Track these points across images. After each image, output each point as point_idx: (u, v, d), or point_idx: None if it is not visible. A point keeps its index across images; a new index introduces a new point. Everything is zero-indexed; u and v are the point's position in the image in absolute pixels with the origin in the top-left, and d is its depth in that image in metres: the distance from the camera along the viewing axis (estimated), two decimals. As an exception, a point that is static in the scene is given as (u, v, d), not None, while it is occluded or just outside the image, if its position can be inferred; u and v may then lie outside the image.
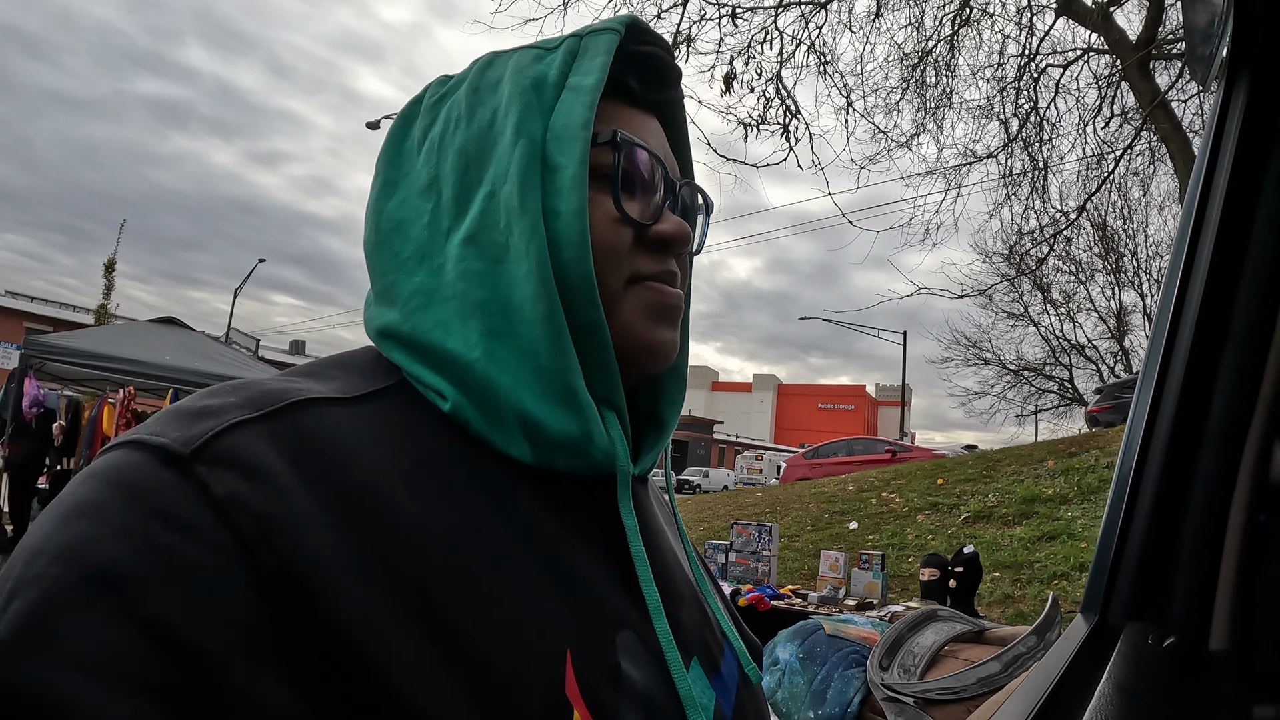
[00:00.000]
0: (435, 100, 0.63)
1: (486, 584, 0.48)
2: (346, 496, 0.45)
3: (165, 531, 0.40)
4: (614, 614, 0.54)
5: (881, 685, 3.11)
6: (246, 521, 0.41)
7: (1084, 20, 10.68)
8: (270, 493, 0.43)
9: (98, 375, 9.24)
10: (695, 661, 0.60)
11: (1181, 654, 0.92)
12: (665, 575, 0.62)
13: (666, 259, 0.61)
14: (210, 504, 0.41)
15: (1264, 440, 0.97)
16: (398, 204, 0.61)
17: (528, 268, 0.54)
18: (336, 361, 0.58)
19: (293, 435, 0.46)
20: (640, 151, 0.61)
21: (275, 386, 0.50)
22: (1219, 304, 0.97)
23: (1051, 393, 24.43)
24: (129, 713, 0.36)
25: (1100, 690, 0.72)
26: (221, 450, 0.43)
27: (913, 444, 23.18)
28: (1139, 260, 20.73)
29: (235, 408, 0.46)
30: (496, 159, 0.57)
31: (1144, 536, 1.00)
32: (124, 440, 0.45)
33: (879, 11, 10.63)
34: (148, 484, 0.41)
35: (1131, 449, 1.04)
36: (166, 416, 0.46)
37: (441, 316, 0.56)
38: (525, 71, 0.59)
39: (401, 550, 0.46)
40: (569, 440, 0.54)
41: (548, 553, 0.53)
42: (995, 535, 8.41)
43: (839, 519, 10.57)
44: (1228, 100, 0.95)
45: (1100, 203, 14.51)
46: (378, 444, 0.50)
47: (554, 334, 0.53)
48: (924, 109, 11.62)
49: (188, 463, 0.42)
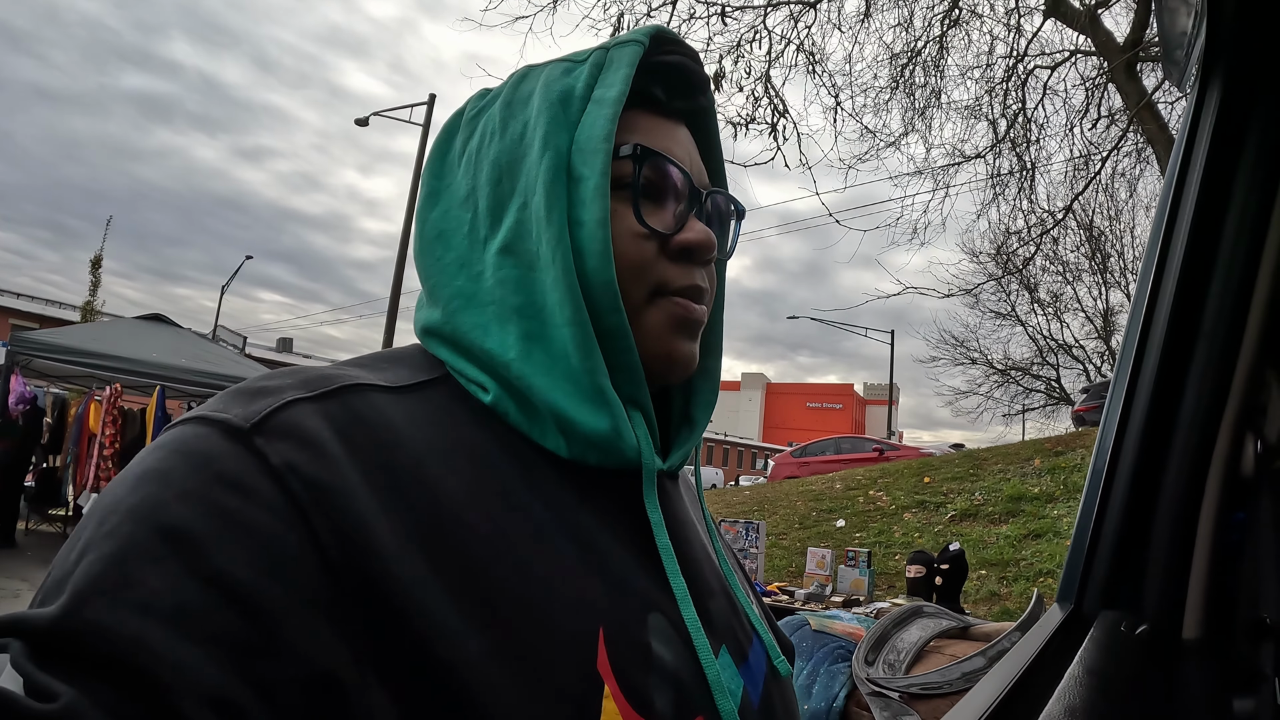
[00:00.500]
0: (474, 114, 0.66)
1: (525, 557, 0.51)
2: (394, 471, 0.49)
3: (228, 495, 0.43)
4: (645, 597, 0.56)
5: (867, 680, 3.13)
6: (301, 487, 0.45)
7: (1072, 22, 10.72)
8: (323, 463, 0.46)
9: (84, 372, 9.19)
10: (724, 649, 0.62)
11: (1154, 641, 0.95)
12: (693, 567, 0.64)
13: (692, 270, 0.63)
14: (269, 471, 0.45)
15: (1235, 434, 1.00)
16: (441, 214, 0.64)
17: (554, 274, 0.57)
18: (386, 356, 0.61)
19: (344, 414, 0.50)
20: (661, 162, 0.62)
21: (330, 372, 0.54)
22: (1191, 301, 0.99)
23: (1038, 392, 24.51)
24: (197, 657, 0.38)
25: (1070, 673, 0.74)
26: (278, 424, 0.47)
27: (900, 443, 23.26)
28: (1125, 261, 20.81)
29: (291, 388, 0.50)
30: (526, 171, 0.60)
31: (1118, 527, 1.02)
32: (189, 417, 0.49)
33: (868, 11, 10.66)
34: (212, 453, 0.45)
35: (1106, 442, 1.06)
36: (228, 396, 0.50)
37: (480, 320, 0.59)
38: (553, 85, 0.61)
39: (445, 522, 0.49)
40: (600, 437, 0.57)
41: (583, 535, 0.56)
42: (981, 533, 8.46)
43: (826, 517, 10.61)
44: (1201, 101, 0.97)
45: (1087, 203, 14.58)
46: (423, 427, 0.53)
47: (581, 337, 0.56)
48: (912, 109, 11.65)
49: (248, 435, 0.46)
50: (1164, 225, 1.02)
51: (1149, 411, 1.02)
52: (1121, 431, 1.04)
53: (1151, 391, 1.01)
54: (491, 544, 0.50)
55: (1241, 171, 0.95)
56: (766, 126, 10.24)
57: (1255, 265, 0.95)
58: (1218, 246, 0.97)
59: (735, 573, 0.72)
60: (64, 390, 11.07)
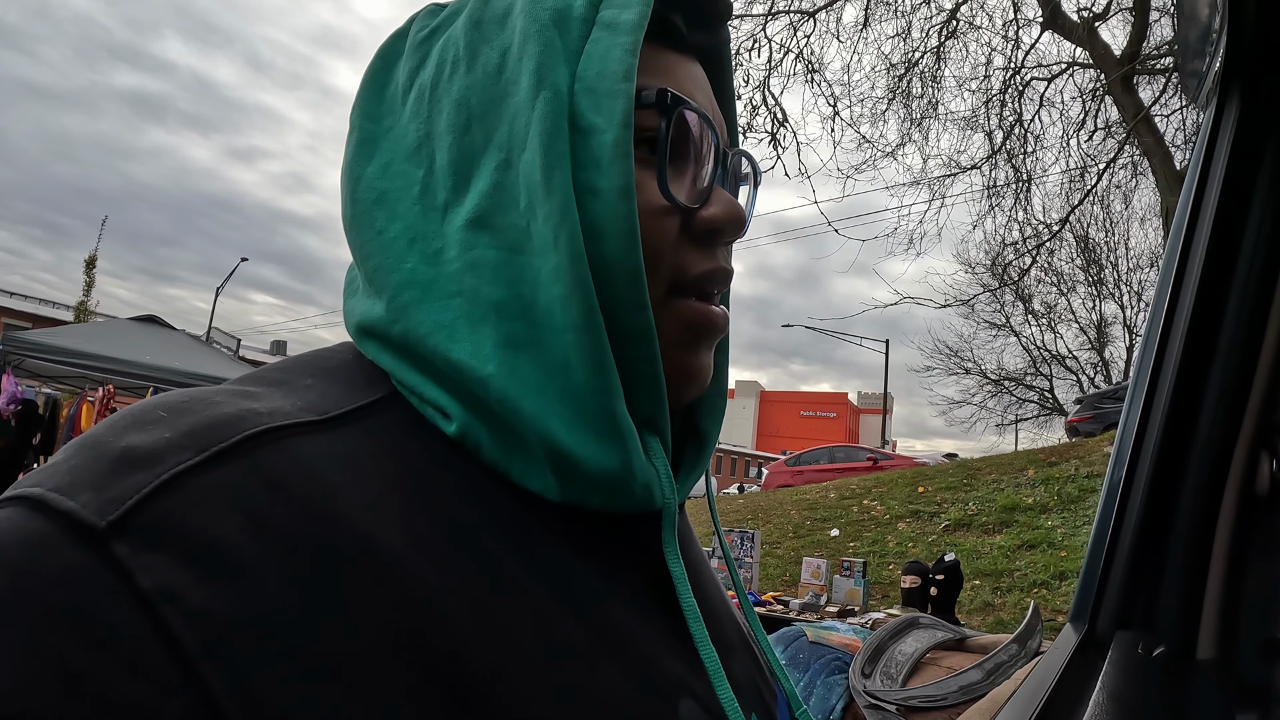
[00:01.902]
0: (425, 35, 0.50)
1: (527, 660, 0.38)
2: (335, 567, 0.34)
3: (72, 648, 0.28)
4: (672, 679, 0.45)
5: (864, 692, 3.12)
6: (187, 629, 0.30)
7: (1069, 35, 10.80)
8: (222, 582, 0.31)
9: (77, 373, 9.14)
10: (754, 716, 0.51)
11: (1171, 664, 0.93)
12: (714, 622, 0.53)
13: (715, 251, 0.50)
14: (136, 601, 0.29)
15: (1251, 452, 0.99)
16: (379, 169, 0.49)
17: (557, 261, 0.42)
18: (309, 365, 0.46)
19: (253, 486, 0.34)
20: (694, 115, 0.49)
21: (228, 410, 0.37)
22: (1208, 317, 0.98)
23: (1032, 402, 24.60)
24: None
25: (1095, 700, 0.73)
26: (153, 519, 0.31)
27: (894, 452, 23.29)
28: (1120, 272, 20.98)
29: (173, 448, 0.34)
30: (510, 117, 0.45)
31: (1133, 546, 1.01)
32: (21, 493, 0.32)
33: (867, 22, 10.72)
34: (48, 573, 0.29)
35: (1121, 459, 1.05)
36: (81, 457, 0.34)
37: (443, 318, 0.44)
38: (543, 0, 0.46)
39: (416, 631, 0.35)
40: (607, 476, 0.44)
41: (589, 609, 0.43)
42: (976, 543, 8.46)
43: (821, 526, 10.61)
44: (1220, 116, 0.96)
45: (1083, 215, 14.73)
46: (368, 482, 0.38)
47: (592, 346, 0.42)
48: (910, 119, 11.72)
49: (104, 539, 0.30)
50: (1181, 239, 1.00)
51: (1164, 430, 1.00)
52: (1136, 449, 1.03)
53: (1167, 409, 1.00)
54: (481, 651, 0.37)
55: (1261, 185, 0.94)
56: (766, 135, 10.28)
57: (1273, 281, 0.94)
58: (1235, 261, 0.96)
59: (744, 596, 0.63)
60: (56, 391, 11.00)
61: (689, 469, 0.54)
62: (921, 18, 10.90)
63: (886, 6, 10.82)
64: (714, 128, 0.50)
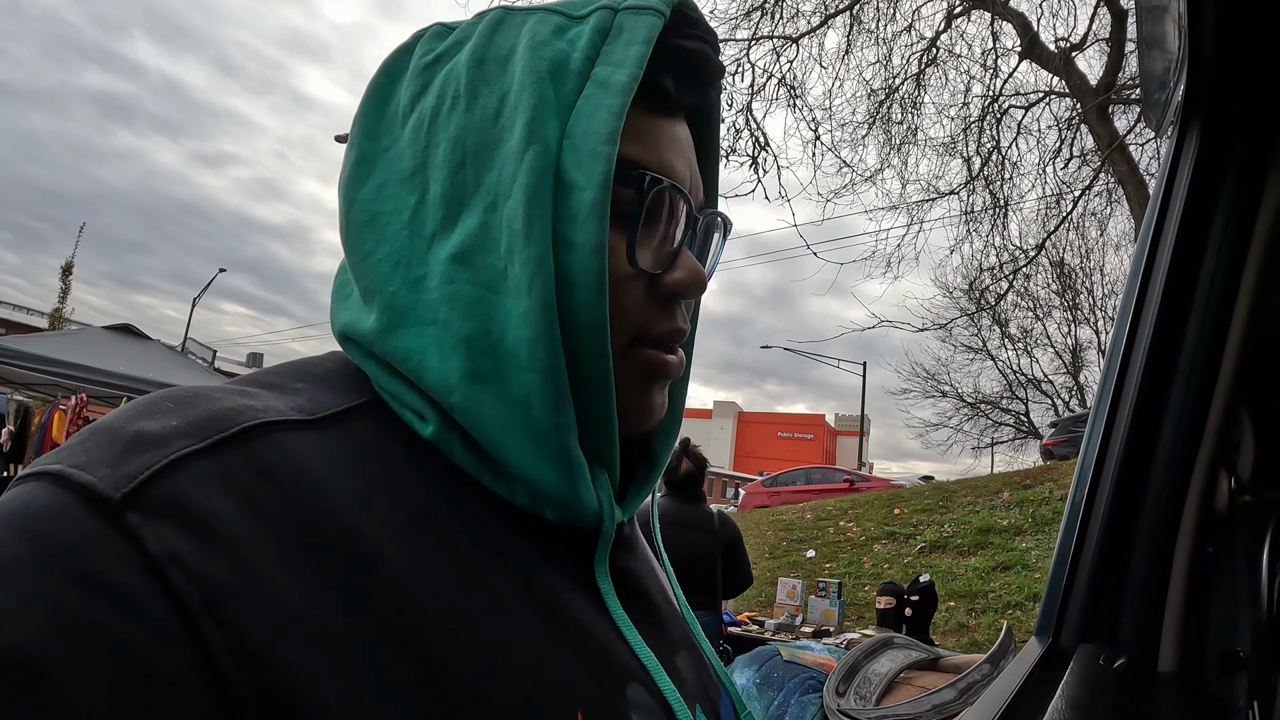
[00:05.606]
0: (430, 61, 0.52)
1: (488, 640, 0.42)
2: (318, 549, 0.38)
3: (89, 603, 0.32)
4: (620, 665, 0.49)
5: (838, 711, 3.12)
6: (190, 588, 0.34)
7: (1046, 64, 11.00)
8: (220, 551, 0.35)
9: (49, 380, 9.03)
10: (698, 708, 0.55)
11: (1131, 674, 0.95)
12: (657, 625, 0.57)
13: (674, 313, 0.54)
14: (145, 565, 0.33)
15: (1210, 469, 1.01)
16: (374, 190, 0.51)
17: (528, 306, 0.45)
18: (300, 371, 0.50)
19: (247, 472, 0.38)
20: (671, 194, 0.52)
21: (227, 405, 0.41)
22: (1169, 339, 1.01)
23: (1007, 425, 24.79)
24: None
25: (1054, 706, 0.74)
26: (161, 494, 0.35)
27: (870, 474, 23.37)
28: (1095, 298, 21.26)
29: (178, 434, 0.38)
30: (500, 163, 0.47)
31: (1095, 561, 1.03)
32: (41, 470, 0.37)
33: (848, 49, 10.87)
34: (66, 537, 0.33)
35: (1084, 477, 1.08)
36: (95, 440, 0.38)
37: (417, 345, 0.47)
38: (543, 50, 0.48)
39: (389, 608, 0.39)
40: (555, 496, 0.48)
41: (548, 600, 0.47)
42: (951, 565, 8.51)
43: (797, 547, 10.62)
44: (1181, 144, 1.00)
45: (1059, 241, 14.93)
46: (353, 477, 0.42)
47: (553, 389, 0.45)
48: (889, 144, 11.87)
49: (119, 510, 0.34)
50: (1143, 265, 1.04)
51: (1125, 448, 1.03)
52: (1098, 468, 1.05)
53: (1128, 429, 1.03)
54: (447, 628, 0.41)
55: (1219, 211, 0.97)
56: (747, 159, 10.37)
57: (1231, 305, 0.98)
58: (1194, 286, 0.99)
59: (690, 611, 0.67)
60: (28, 398, 10.85)
61: (640, 485, 0.58)
62: (902, 45, 11.09)
63: (869, 34, 11.00)
64: (687, 199, 0.53)
